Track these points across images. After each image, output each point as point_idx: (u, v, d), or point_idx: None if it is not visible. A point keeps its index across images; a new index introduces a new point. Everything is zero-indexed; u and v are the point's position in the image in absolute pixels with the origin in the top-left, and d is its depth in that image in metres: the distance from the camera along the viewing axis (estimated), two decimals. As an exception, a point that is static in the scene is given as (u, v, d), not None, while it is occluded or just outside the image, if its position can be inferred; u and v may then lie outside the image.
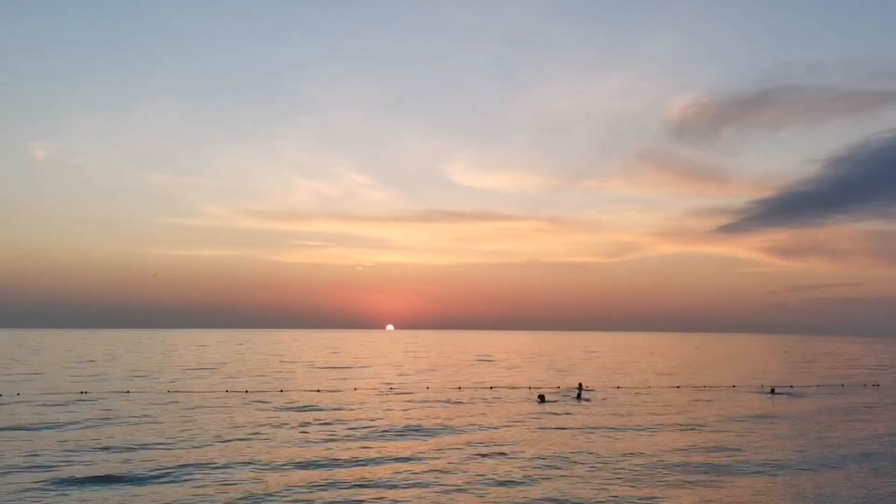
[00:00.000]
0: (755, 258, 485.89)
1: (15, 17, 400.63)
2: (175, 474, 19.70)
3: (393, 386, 48.01)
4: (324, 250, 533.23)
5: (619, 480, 19.53)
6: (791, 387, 49.89)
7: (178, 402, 36.77)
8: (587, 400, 38.98)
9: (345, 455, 22.76)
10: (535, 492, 18.20)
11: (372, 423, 29.78)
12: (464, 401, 38.69)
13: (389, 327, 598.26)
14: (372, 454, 23.02)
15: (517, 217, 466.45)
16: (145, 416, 31.64)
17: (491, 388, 46.74)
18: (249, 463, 21.35)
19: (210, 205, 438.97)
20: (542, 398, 38.00)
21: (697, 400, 40.79)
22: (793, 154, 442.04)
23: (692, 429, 29.33)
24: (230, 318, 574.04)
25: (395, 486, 18.64)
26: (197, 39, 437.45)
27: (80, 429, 27.76)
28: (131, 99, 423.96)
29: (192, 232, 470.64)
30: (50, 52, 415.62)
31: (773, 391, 45.94)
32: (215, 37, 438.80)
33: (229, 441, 25.12)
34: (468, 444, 25.14)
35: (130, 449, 23.40)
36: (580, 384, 45.95)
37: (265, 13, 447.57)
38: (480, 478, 19.72)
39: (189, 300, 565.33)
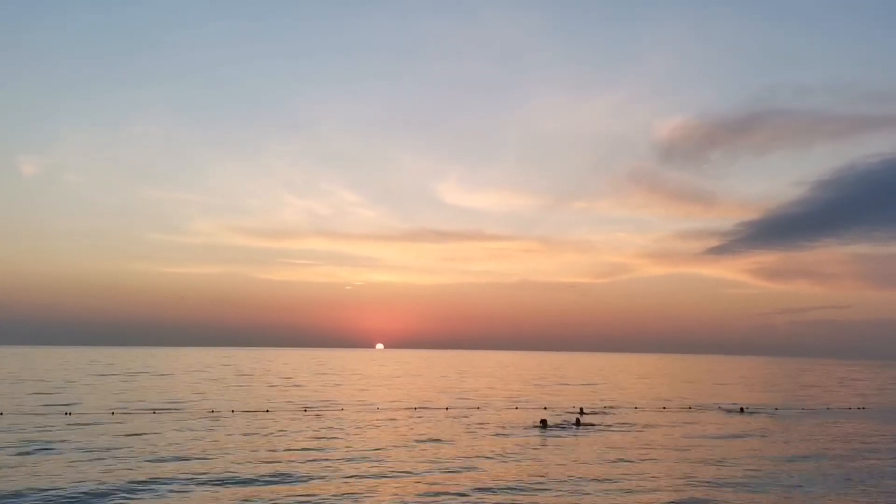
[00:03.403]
0: (743, 280, 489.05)
1: (5, 33, 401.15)
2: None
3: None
4: (313, 268, 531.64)
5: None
6: (776, 409, 50.58)
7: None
8: (591, 424, 38.21)
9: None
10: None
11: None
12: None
13: (379, 346, 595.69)
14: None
15: (507, 237, 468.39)
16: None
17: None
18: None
19: (200, 221, 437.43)
20: (544, 423, 37.10)
21: (677, 418, 41.38)
22: (780, 177, 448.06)
23: (670, 450, 29.54)
24: (219, 336, 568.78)
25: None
26: (189, 55, 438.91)
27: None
28: (122, 114, 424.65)
29: (182, 249, 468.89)
30: (41, 66, 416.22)
31: (741, 410, 48.48)
32: (207, 53, 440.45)
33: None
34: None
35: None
36: (581, 409, 45.70)
37: (257, 30, 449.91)
38: None
39: (178, 318, 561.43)
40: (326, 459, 25.68)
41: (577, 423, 38.25)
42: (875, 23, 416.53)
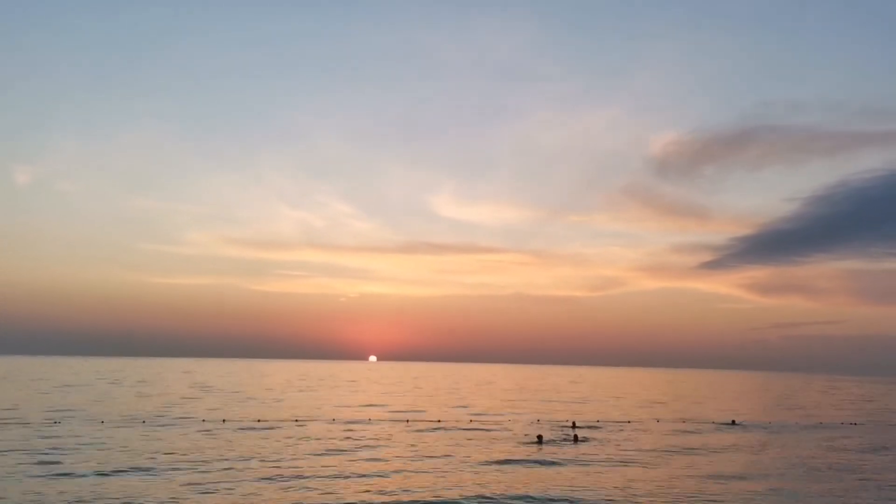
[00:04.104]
0: (736, 294, 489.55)
1: None
2: None
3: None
4: (307, 280, 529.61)
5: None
6: (769, 423, 50.72)
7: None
8: (584, 440, 37.78)
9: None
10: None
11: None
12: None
13: (372, 358, 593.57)
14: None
15: (501, 250, 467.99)
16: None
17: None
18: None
19: (193, 232, 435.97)
20: (540, 439, 36.61)
21: (671, 433, 41.43)
22: (773, 192, 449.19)
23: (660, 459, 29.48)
24: (212, 346, 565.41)
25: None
26: (183, 66, 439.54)
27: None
28: (116, 124, 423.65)
29: (175, 259, 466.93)
30: (35, 76, 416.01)
31: (733, 422, 50.12)
32: (202, 64, 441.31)
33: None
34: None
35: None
36: (574, 423, 45.33)
37: (252, 42, 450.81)
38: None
39: (170, 328, 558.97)
40: (317, 477, 25.51)
41: (576, 439, 37.66)
42: (867, 41, 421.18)
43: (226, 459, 27.74)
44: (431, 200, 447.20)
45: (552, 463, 29.29)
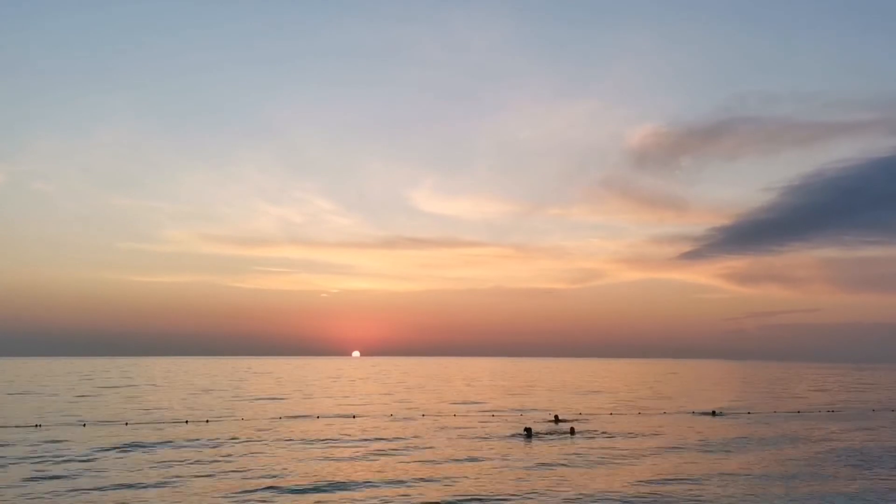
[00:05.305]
0: (715, 284, 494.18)
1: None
2: None
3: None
4: (288, 276, 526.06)
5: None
6: (748, 413, 51.43)
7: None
8: (578, 433, 37.41)
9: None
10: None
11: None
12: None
13: (355, 354, 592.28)
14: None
15: (482, 243, 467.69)
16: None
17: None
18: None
19: (172, 230, 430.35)
20: (528, 432, 36.33)
21: (655, 423, 41.84)
22: (749, 183, 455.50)
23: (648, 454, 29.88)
24: (192, 345, 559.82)
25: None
26: (159, 61, 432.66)
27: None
28: (91, 121, 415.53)
29: (154, 257, 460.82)
30: (8, 73, 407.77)
31: (714, 413, 50.48)
32: (178, 59, 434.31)
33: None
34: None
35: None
36: (556, 417, 45.16)
37: (228, 36, 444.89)
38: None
39: (150, 327, 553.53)
40: (298, 473, 25.54)
41: (572, 431, 37.24)
42: (840, 33, 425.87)
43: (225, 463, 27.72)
44: (411, 195, 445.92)
45: (542, 456, 29.58)
